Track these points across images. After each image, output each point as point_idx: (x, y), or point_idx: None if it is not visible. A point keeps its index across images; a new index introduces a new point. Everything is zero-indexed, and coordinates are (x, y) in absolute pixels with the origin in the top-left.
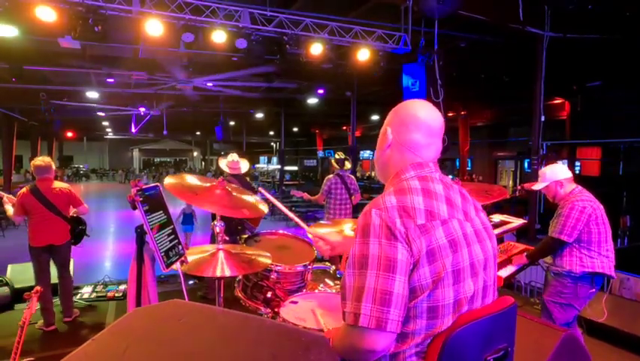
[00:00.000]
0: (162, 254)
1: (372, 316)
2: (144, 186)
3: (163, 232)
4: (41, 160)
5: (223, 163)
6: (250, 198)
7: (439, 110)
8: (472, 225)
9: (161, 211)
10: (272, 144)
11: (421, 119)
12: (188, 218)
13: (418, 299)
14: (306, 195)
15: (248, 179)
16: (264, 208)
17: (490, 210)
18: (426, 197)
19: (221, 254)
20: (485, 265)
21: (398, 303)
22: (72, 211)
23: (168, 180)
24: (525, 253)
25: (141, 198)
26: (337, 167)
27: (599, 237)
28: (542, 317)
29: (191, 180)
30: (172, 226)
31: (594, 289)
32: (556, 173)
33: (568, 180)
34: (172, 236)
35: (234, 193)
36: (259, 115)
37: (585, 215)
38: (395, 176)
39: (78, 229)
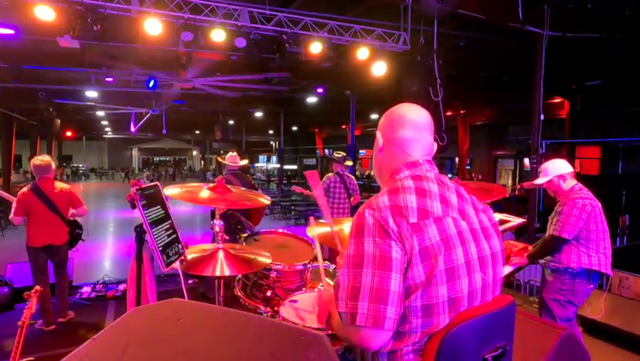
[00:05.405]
0: (160, 250)
1: (370, 315)
2: (143, 185)
3: (161, 226)
4: (41, 160)
5: (226, 160)
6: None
7: (440, 110)
8: (469, 224)
9: (159, 206)
10: (271, 142)
11: (406, 117)
12: None
13: (412, 298)
14: (306, 192)
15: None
16: (266, 201)
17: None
18: (419, 195)
19: (220, 253)
20: (483, 265)
21: (394, 301)
22: (70, 213)
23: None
24: (526, 254)
25: (140, 197)
26: (339, 163)
27: (597, 234)
28: (542, 316)
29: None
30: (170, 221)
31: (592, 286)
32: (559, 167)
33: (570, 174)
34: (170, 231)
35: (234, 189)
36: (258, 114)
37: (585, 213)
38: (390, 177)
39: (75, 233)
